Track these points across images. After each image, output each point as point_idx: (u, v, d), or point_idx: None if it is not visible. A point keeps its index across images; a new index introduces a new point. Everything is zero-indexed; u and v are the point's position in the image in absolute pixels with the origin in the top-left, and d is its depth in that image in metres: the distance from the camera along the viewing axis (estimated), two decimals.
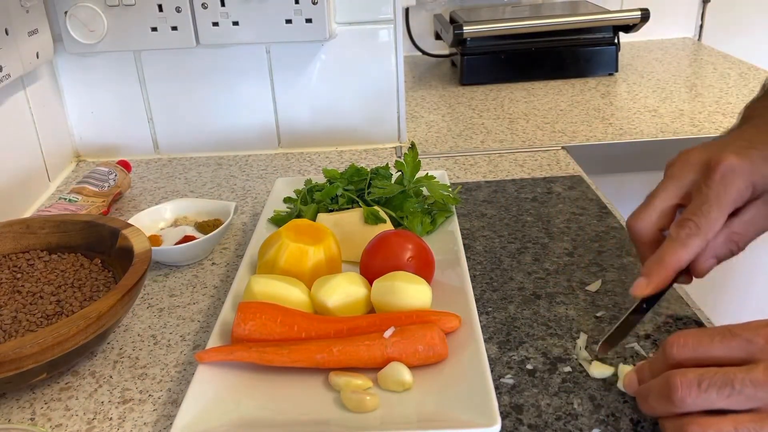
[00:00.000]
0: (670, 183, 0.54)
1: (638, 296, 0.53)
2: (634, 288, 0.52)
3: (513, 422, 0.50)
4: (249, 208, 0.89)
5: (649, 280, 0.52)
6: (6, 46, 0.83)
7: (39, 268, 0.65)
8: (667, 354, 0.46)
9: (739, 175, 0.51)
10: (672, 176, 0.54)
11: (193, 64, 1.01)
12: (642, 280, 0.52)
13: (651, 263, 0.52)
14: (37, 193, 0.95)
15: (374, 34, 0.99)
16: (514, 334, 0.60)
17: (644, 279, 0.52)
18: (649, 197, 0.55)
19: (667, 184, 0.54)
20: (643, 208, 0.55)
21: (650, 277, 0.52)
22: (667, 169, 0.56)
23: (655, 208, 0.54)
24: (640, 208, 0.55)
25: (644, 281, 0.52)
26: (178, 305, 0.68)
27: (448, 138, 1.08)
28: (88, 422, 0.53)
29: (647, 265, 0.53)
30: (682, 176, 0.54)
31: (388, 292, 0.57)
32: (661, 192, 0.55)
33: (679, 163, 0.54)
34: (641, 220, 0.55)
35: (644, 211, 0.55)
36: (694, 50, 1.53)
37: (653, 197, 0.55)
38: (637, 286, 0.52)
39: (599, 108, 1.17)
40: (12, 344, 0.50)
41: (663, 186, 0.55)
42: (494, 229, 0.78)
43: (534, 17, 1.34)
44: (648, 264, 0.53)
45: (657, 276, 0.51)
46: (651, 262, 0.52)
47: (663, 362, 0.46)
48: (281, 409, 0.50)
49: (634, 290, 0.52)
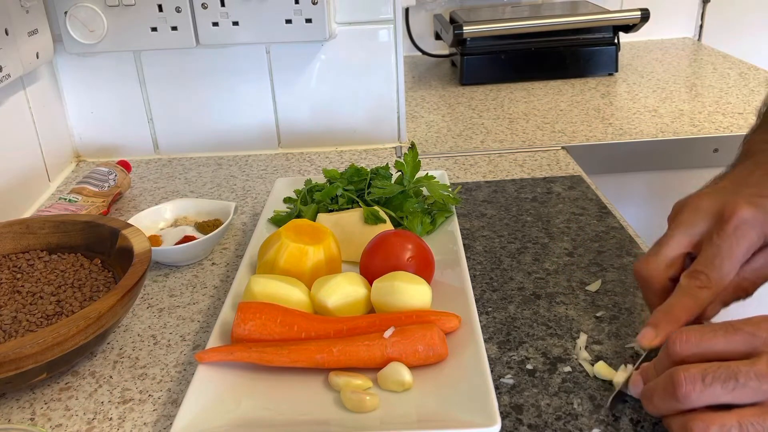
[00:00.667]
0: (680, 231, 0.53)
1: (646, 347, 0.51)
2: (641, 338, 0.50)
3: (513, 422, 0.50)
4: (249, 208, 0.89)
5: (657, 331, 0.50)
6: (6, 47, 0.83)
7: (39, 268, 0.65)
8: (670, 351, 0.46)
9: (752, 227, 0.50)
10: (682, 224, 0.53)
11: (193, 64, 1.01)
12: (650, 331, 0.50)
13: (660, 314, 0.51)
14: (37, 193, 0.95)
15: (374, 34, 0.99)
16: (514, 334, 0.60)
17: (652, 330, 0.50)
18: (659, 244, 0.54)
19: (676, 232, 0.53)
20: (653, 256, 0.54)
21: (658, 329, 0.50)
22: (676, 214, 0.54)
23: (665, 256, 0.53)
24: (649, 254, 0.54)
25: (652, 332, 0.50)
26: (178, 305, 0.68)
27: (448, 138, 1.08)
28: (88, 422, 0.53)
29: (656, 315, 0.51)
30: (692, 224, 0.53)
31: (388, 293, 0.57)
32: (670, 240, 0.53)
33: (690, 210, 0.53)
34: (650, 267, 0.54)
35: (653, 258, 0.54)
36: (694, 50, 1.53)
37: (663, 245, 0.54)
38: (645, 336, 0.50)
39: (599, 108, 1.17)
40: (12, 344, 0.50)
41: (673, 234, 0.53)
42: (494, 229, 0.78)
43: (534, 17, 1.34)
44: (657, 315, 0.51)
45: (665, 328, 0.50)
46: (660, 312, 0.51)
47: (666, 360, 0.46)
48: (281, 409, 0.50)
49: (642, 341, 0.50)
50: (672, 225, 0.54)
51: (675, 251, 0.53)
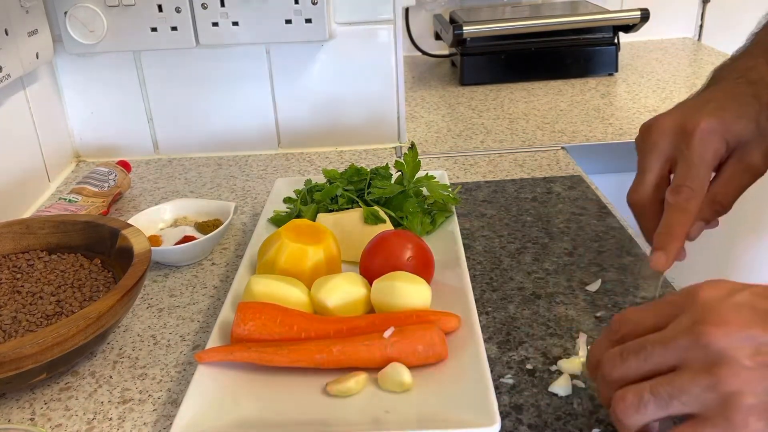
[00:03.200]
0: (653, 154, 0.56)
1: (660, 270, 0.53)
2: (653, 263, 0.53)
3: (513, 422, 0.50)
4: (249, 208, 0.89)
5: (666, 252, 0.52)
6: (6, 47, 0.83)
7: (39, 268, 0.65)
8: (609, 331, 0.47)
9: (715, 135, 0.53)
10: (653, 146, 0.56)
11: (192, 64, 1.01)
12: (660, 254, 0.53)
13: (662, 236, 0.53)
14: (36, 193, 0.95)
15: (374, 34, 0.99)
16: (514, 334, 0.60)
17: (661, 252, 0.53)
18: (639, 172, 0.57)
19: (651, 155, 0.56)
20: (638, 183, 0.57)
21: (666, 249, 0.52)
22: (643, 138, 0.57)
23: (649, 180, 0.56)
24: (635, 183, 0.57)
25: (662, 254, 0.52)
26: (177, 305, 0.68)
27: (448, 138, 1.08)
28: (88, 422, 0.53)
29: (659, 239, 0.53)
30: (662, 145, 0.55)
31: (388, 293, 0.57)
32: (648, 163, 0.56)
33: (656, 132, 0.56)
34: (639, 194, 0.57)
35: (640, 185, 0.57)
36: (694, 50, 1.53)
37: (644, 171, 0.56)
38: (657, 260, 0.53)
39: (599, 108, 1.17)
40: (12, 344, 0.50)
41: (648, 158, 0.56)
42: (494, 229, 0.78)
43: (534, 17, 1.34)
44: (660, 238, 0.53)
45: (671, 246, 0.52)
46: (662, 235, 0.53)
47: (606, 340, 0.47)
48: (281, 409, 0.50)
49: (655, 265, 0.53)
50: (644, 150, 0.57)
51: (656, 173, 0.56)
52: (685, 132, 0.54)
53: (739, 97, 0.55)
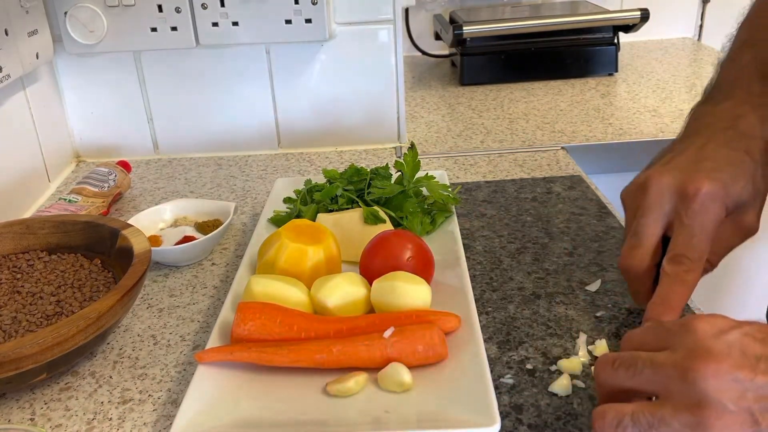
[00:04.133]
0: (650, 216, 0.54)
1: None
2: None
3: (513, 422, 0.50)
4: (249, 208, 0.89)
5: None
6: (6, 47, 0.83)
7: (39, 268, 0.65)
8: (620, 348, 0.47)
9: (715, 201, 0.52)
10: (650, 207, 0.54)
11: (192, 64, 1.01)
12: None
13: (659, 307, 0.51)
14: (36, 193, 0.95)
15: (374, 34, 0.99)
16: (514, 334, 0.60)
17: None
18: (636, 235, 0.55)
19: (648, 219, 0.54)
20: (634, 249, 0.55)
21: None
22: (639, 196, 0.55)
23: (646, 246, 0.54)
24: (629, 248, 0.55)
25: None
26: (177, 305, 0.68)
27: (448, 138, 1.08)
28: (88, 422, 0.53)
29: (655, 309, 0.51)
30: (660, 207, 0.54)
31: (388, 293, 0.57)
32: (646, 228, 0.54)
33: (654, 191, 0.54)
34: (636, 260, 0.54)
35: (636, 249, 0.54)
36: (694, 50, 1.53)
37: (640, 235, 0.54)
38: None
39: (599, 108, 1.17)
40: (12, 344, 0.50)
41: (645, 221, 0.54)
42: (494, 229, 0.78)
43: (534, 17, 1.34)
44: (655, 309, 0.51)
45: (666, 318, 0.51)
46: (656, 306, 0.51)
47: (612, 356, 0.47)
48: (281, 409, 0.50)
49: None
50: (641, 209, 0.55)
51: (653, 238, 0.54)
52: (686, 196, 0.52)
53: (733, 155, 0.53)
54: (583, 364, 0.55)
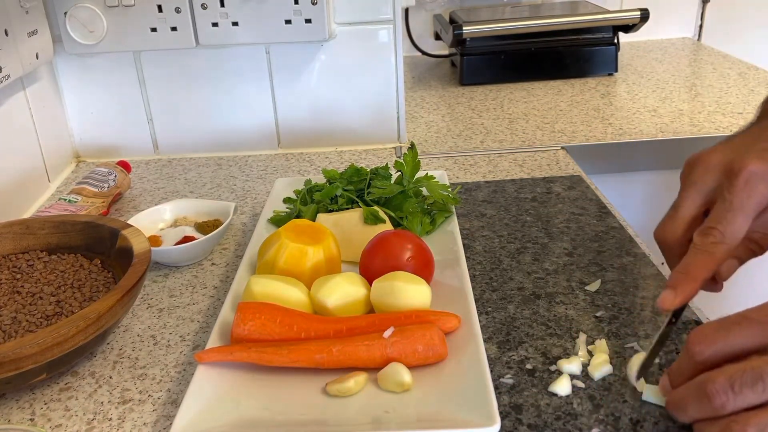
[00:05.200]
0: (692, 190, 0.53)
1: (666, 309, 0.51)
2: (661, 301, 0.50)
3: (512, 422, 0.50)
4: (249, 208, 0.89)
5: (676, 292, 0.50)
6: (6, 47, 0.83)
7: (39, 268, 0.65)
8: (690, 354, 0.45)
9: (761, 180, 0.50)
10: (694, 182, 0.53)
11: (192, 64, 1.01)
12: (669, 293, 0.50)
13: (677, 275, 0.51)
14: (36, 193, 0.95)
15: (374, 34, 0.99)
16: (514, 334, 0.60)
17: (671, 291, 0.50)
18: (674, 207, 0.54)
19: (689, 192, 0.53)
20: (669, 219, 0.54)
21: (677, 289, 0.50)
22: (686, 173, 0.54)
23: (682, 217, 0.53)
24: (666, 218, 0.54)
25: (671, 294, 0.50)
26: (177, 305, 0.68)
27: (448, 138, 1.08)
28: (88, 422, 0.53)
29: (673, 276, 0.51)
30: (704, 182, 0.52)
31: (388, 293, 0.57)
32: (685, 201, 0.53)
33: (701, 168, 0.53)
34: (668, 231, 0.54)
35: (670, 221, 0.54)
36: (693, 50, 1.53)
37: (678, 207, 0.54)
38: (665, 299, 0.50)
39: (599, 108, 1.17)
40: (11, 345, 0.50)
41: (686, 194, 0.53)
42: (494, 229, 0.78)
43: (534, 17, 1.34)
44: (674, 275, 0.51)
45: (684, 288, 0.50)
46: (677, 273, 0.51)
47: (688, 362, 0.46)
48: (281, 409, 0.50)
49: (662, 303, 0.50)
50: (684, 184, 0.54)
51: (690, 211, 0.53)
52: (731, 172, 0.50)
53: None
54: (583, 364, 0.55)
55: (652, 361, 0.52)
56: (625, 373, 0.54)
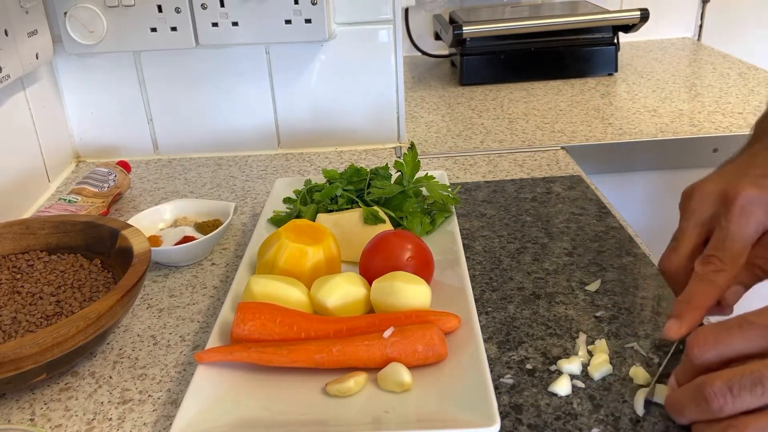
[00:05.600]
0: (691, 220, 0.54)
1: (672, 339, 0.51)
2: (667, 331, 0.51)
3: (512, 422, 0.50)
4: (249, 208, 0.89)
5: (681, 321, 0.51)
6: (6, 47, 0.83)
7: (38, 268, 0.65)
8: (690, 356, 0.46)
9: (757, 206, 0.51)
10: (692, 212, 0.54)
11: (192, 64, 1.01)
12: (674, 323, 0.51)
13: (682, 304, 0.51)
14: (36, 193, 0.95)
15: (374, 34, 0.99)
16: (514, 334, 0.60)
17: (676, 321, 0.51)
18: (675, 237, 0.55)
19: (688, 222, 0.54)
20: (671, 250, 0.55)
21: (681, 318, 0.51)
22: (684, 203, 0.55)
23: (683, 248, 0.54)
24: (669, 249, 0.55)
25: (676, 323, 0.51)
26: (177, 306, 0.68)
27: (448, 138, 1.08)
28: (88, 423, 0.53)
29: (677, 305, 0.52)
30: (701, 211, 0.53)
31: (388, 293, 0.57)
32: (684, 231, 0.54)
33: (697, 198, 0.54)
34: (671, 261, 0.55)
35: (672, 252, 0.55)
36: (693, 50, 1.53)
37: (680, 239, 0.55)
38: (670, 328, 0.51)
39: (599, 108, 1.17)
40: (11, 345, 0.50)
41: (685, 224, 0.54)
42: (494, 229, 0.78)
43: (534, 17, 1.34)
44: (678, 305, 0.52)
45: (689, 317, 0.51)
46: (680, 303, 0.51)
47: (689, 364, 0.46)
48: (280, 409, 0.50)
49: (669, 333, 0.51)
50: (683, 215, 0.55)
51: (692, 242, 0.54)
52: (727, 200, 0.52)
53: None
54: (583, 364, 0.55)
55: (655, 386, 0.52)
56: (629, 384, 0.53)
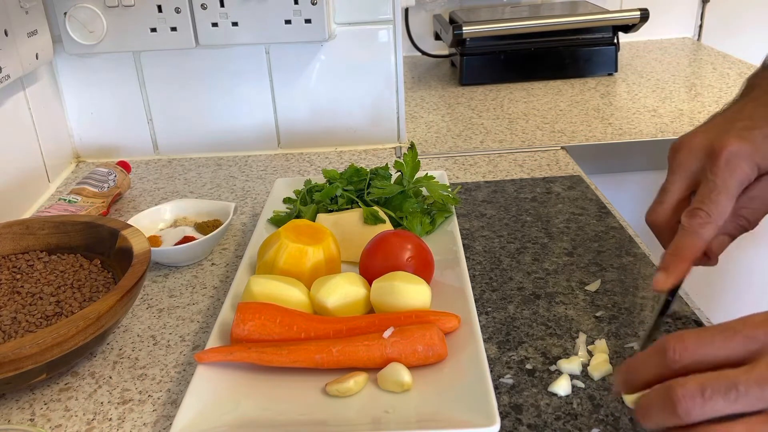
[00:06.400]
0: (678, 174, 0.55)
1: (660, 290, 0.52)
2: (655, 283, 0.52)
3: (512, 422, 0.50)
4: (248, 208, 0.89)
5: (668, 273, 0.52)
6: (5, 47, 0.83)
7: (38, 268, 0.65)
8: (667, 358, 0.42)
9: (743, 159, 0.51)
10: (679, 166, 0.55)
11: (192, 64, 1.01)
12: (661, 274, 0.52)
13: (668, 256, 0.52)
14: (36, 194, 0.95)
15: (374, 34, 0.99)
16: (514, 334, 0.60)
17: (663, 273, 0.52)
18: (662, 191, 0.56)
19: (675, 176, 0.55)
20: (658, 203, 0.56)
21: (668, 270, 0.52)
22: (672, 157, 0.56)
23: (669, 201, 0.55)
24: (655, 202, 0.56)
25: (663, 275, 0.52)
26: (177, 306, 0.68)
27: (448, 138, 1.08)
28: (88, 423, 0.53)
29: (665, 258, 0.52)
30: (688, 165, 0.54)
31: (388, 293, 0.57)
32: (671, 184, 0.55)
33: (684, 151, 0.55)
34: (658, 214, 0.56)
35: (659, 205, 0.56)
36: (693, 50, 1.53)
37: (665, 191, 0.55)
38: (658, 280, 0.52)
39: (599, 108, 1.17)
40: (11, 345, 0.50)
41: (672, 177, 0.55)
42: (494, 229, 0.78)
43: (533, 17, 1.34)
44: (665, 257, 0.52)
45: (675, 268, 0.52)
46: (668, 255, 0.52)
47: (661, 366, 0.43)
48: (280, 410, 0.50)
49: (656, 285, 0.52)
50: (670, 168, 0.56)
51: (677, 195, 0.55)
52: (713, 153, 0.52)
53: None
54: (583, 364, 0.55)
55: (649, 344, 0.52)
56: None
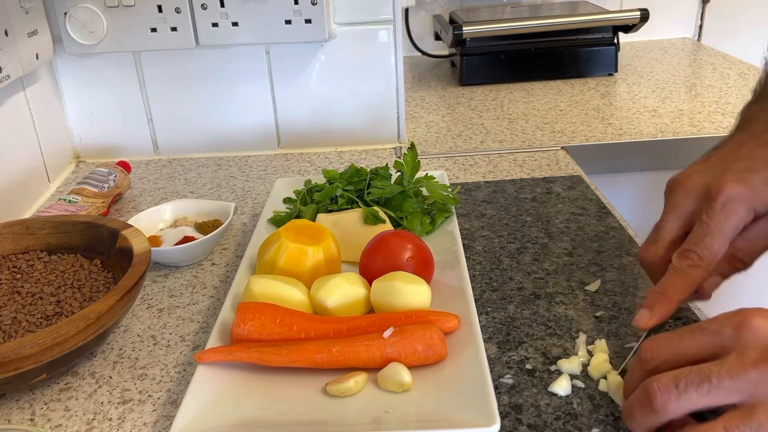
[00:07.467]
0: (672, 213, 0.54)
1: (642, 329, 0.52)
2: (637, 320, 0.51)
3: (512, 422, 0.50)
4: (248, 208, 0.89)
5: (652, 312, 0.51)
6: (6, 47, 0.83)
7: (38, 268, 0.65)
8: (642, 361, 0.46)
9: (740, 203, 0.50)
10: (674, 206, 0.54)
11: (192, 64, 1.01)
12: (645, 313, 0.51)
13: (654, 295, 0.52)
14: (36, 194, 0.95)
15: (374, 34, 0.99)
16: (514, 334, 0.60)
17: (647, 311, 0.51)
18: (656, 229, 0.55)
19: (670, 215, 0.54)
20: (651, 241, 0.55)
21: (653, 309, 0.51)
22: (668, 195, 0.55)
23: (663, 239, 0.54)
24: (648, 240, 0.55)
25: (647, 314, 0.51)
26: (177, 306, 0.68)
27: (448, 138, 1.08)
28: (88, 423, 0.53)
29: (650, 296, 0.52)
30: (683, 205, 0.53)
31: (388, 293, 0.57)
32: (665, 223, 0.54)
33: (681, 191, 0.54)
34: (650, 252, 0.55)
35: (652, 244, 0.55)
36: (693, 50, 1.53)
37: (659, 230, 0.55)
38: (641, 318, 0.51)
39: (599, 108, 1.17)
40: (11, 345, 0.50)
41: (667, 216, 0.54)
42: (494, 229, 0.78)
43: (533, 17, 1.34)
44: (650, 295, 0.52)
45: (660, 308, 0.51)
46: (654, 293, 0.52)
47: (639, 370, 0.46)
48: (280, 410, 0.50)
49: (638, 323, 0.51)
50: (666, 207, 0.55)
51: (671, 234, 0.54)
52: (709, 195, 0.51)
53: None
54: (583, 364, 0.55)
55: None
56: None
